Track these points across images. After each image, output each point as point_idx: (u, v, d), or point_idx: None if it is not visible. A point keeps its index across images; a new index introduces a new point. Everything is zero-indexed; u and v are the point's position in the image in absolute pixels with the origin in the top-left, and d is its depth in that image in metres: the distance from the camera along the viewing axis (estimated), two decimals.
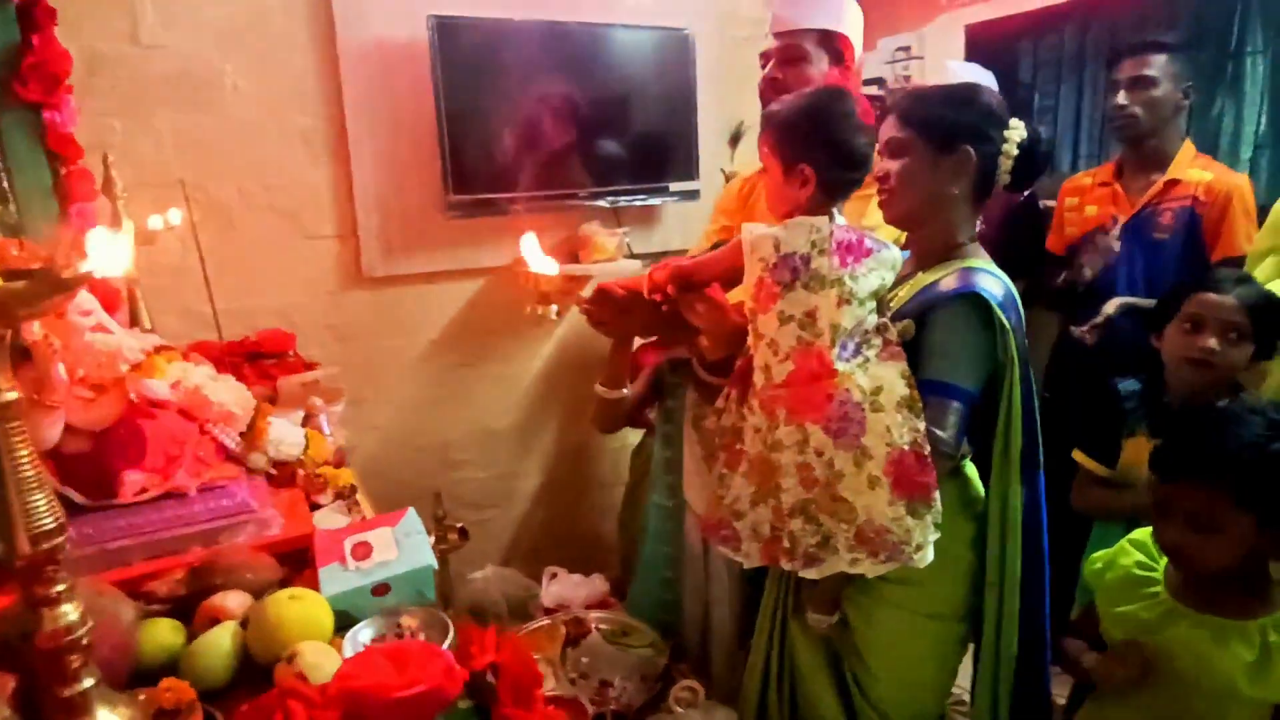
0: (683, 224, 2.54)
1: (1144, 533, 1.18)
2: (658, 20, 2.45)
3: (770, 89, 1.67)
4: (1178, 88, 1.96)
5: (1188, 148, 1.99)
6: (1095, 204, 2.08)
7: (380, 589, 1.05)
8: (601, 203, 2.38)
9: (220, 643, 0.94)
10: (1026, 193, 2.31)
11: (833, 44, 1.65)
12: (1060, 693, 1.44)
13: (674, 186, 2.48)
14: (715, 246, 1.52)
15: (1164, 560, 1.13)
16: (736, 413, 1.25)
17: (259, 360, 1.91)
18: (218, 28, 2.01)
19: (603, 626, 1.67)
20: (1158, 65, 1.94)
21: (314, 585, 1.04)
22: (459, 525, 1.39)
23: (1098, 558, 1.23)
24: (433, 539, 1.28)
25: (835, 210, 1.21)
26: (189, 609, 1.01)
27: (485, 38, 2.17)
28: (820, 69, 1.65)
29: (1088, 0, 2.33)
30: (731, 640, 1.63)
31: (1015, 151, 1.19)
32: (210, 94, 2.03)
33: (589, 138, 2.35)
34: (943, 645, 1.30)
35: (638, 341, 1.74)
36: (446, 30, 2.11)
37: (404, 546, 1.12)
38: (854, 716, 1.32)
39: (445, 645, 0.94)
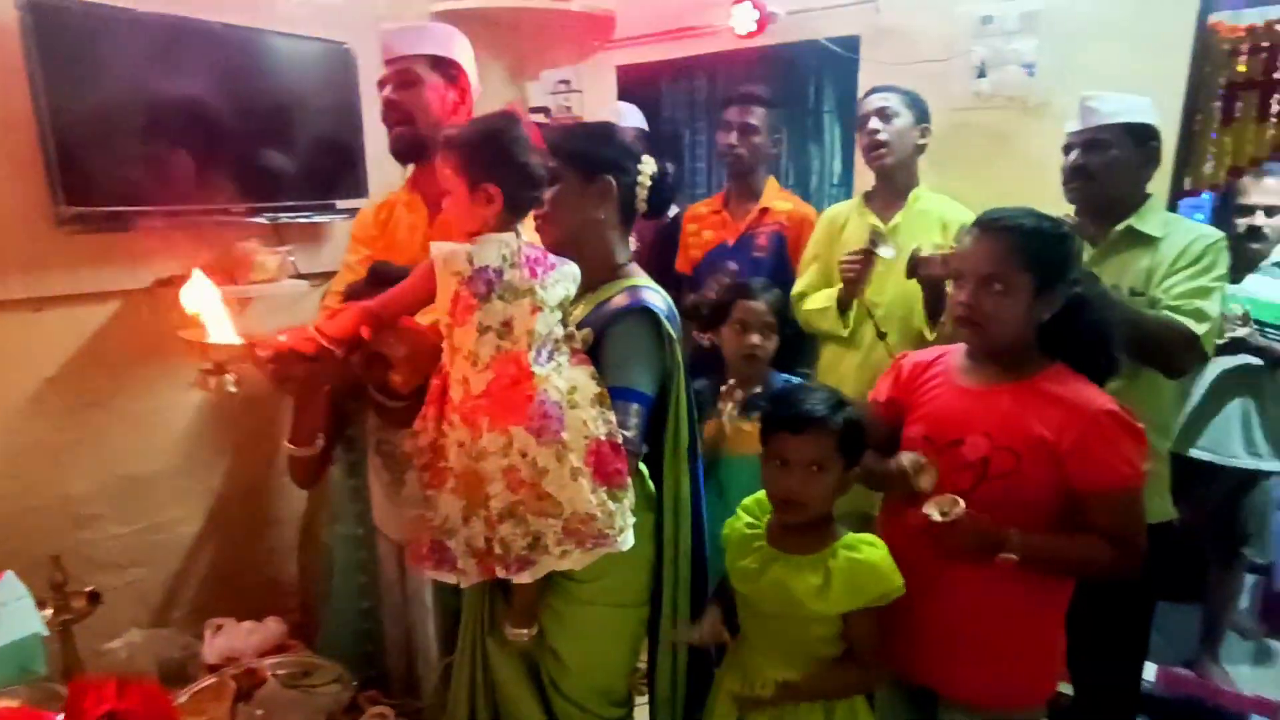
0: None
1: (752, 499, 1.44)
2: (315, 31, 2.34)
3: (390, 110, 1.75)
4: (771, 135, 2.41)
5: (773, 182, 2.46)
6: (711, 229, 2.47)
7: None
8: (260, 219, 2.20)
9: None
10: (671, 216, 2.66)
11: (446, 69, 1.77)
12: None
13: (341, 204, 2.39)
14: (372, 274, 1.53)
15: (765, 518, 1.40)
16: (436, 431, 1.26)
17: None
18: None
19: (280, 672, 1.58)
20: (758, 115, 2.36)
21: None
22: (87, 589, 1.23)
23: (729, 524, 1.45)
24: (49, 611, 1.12)
25: (519, 227, 1.28)
26: None
27: (101, 27, 1.88)
28: (437, 92, 1.76)
29: (712, 55, 2.76)
30: (439, 658, 1.64)
31: (648, 183, 1.38)
32: None
33: (243, 149, 2.16)
34: (630, 630, 1.44)
35: None
36: (45, 13, 1.79)
37: None
38: (553, 716, 1.40)
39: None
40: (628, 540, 1.22)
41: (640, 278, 1.39)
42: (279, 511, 2.45)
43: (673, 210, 2.66)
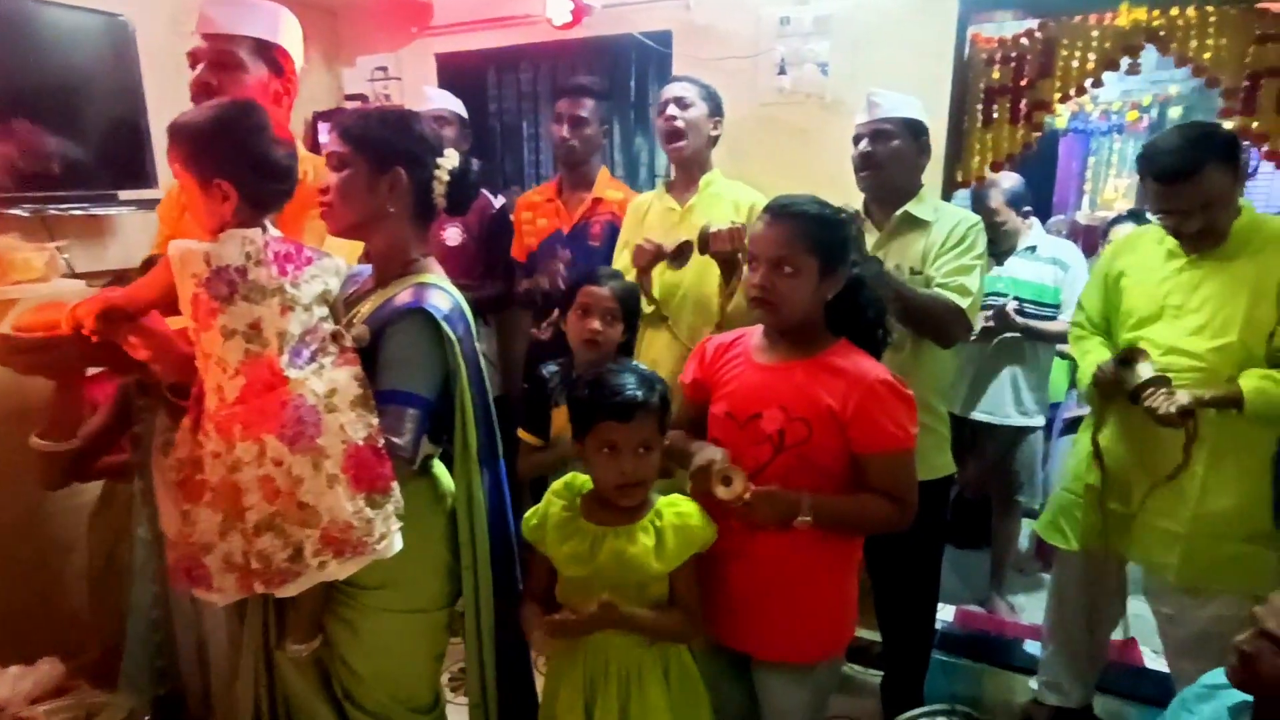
0: (147, 237, 2.23)
1: (560, 483, 1.45)
2: (85, 1, 2.10)
3: (203, 94, 1.57)
4: (600, 126, 2.45)
5: (604, 172, 2.51)
6: (545, 217, 2.48)
7: None
8: (18, 211, 1.95)
9: None
10: (499, 206, 2.64)
11: (270, 54, 1.62)
12: None
13: (126, 195, 2.17)
14: (146, 265, 1.40)
15: (577, 499, 1.42)
16: (192, 441, 1.18)
17: None
18: None
19: (57, 718, 1.43)
20: (588, 107, 2.39)
21: None
22: None
23: (531, 515, 1.45)
24: None
25: (267, 222, 1.22)
26: None
27: None
28: (258, 78, 1.60)
29: (536, 46, 2.75)
30: (231, 672, 1.55)
31: (447, 178, 1.32)
32: None
33: None
34: (429, 636, 1.41)
35: None
36: None
37: None
38: None
39: None
40: (391, 547, 1.18)
41: (431, 275, 1.33)
42: (62, 537, 2.18)
43: (499, 200, 2.66)
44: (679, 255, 1.92)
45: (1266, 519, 1.72)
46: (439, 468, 1.42)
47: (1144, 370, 1.69)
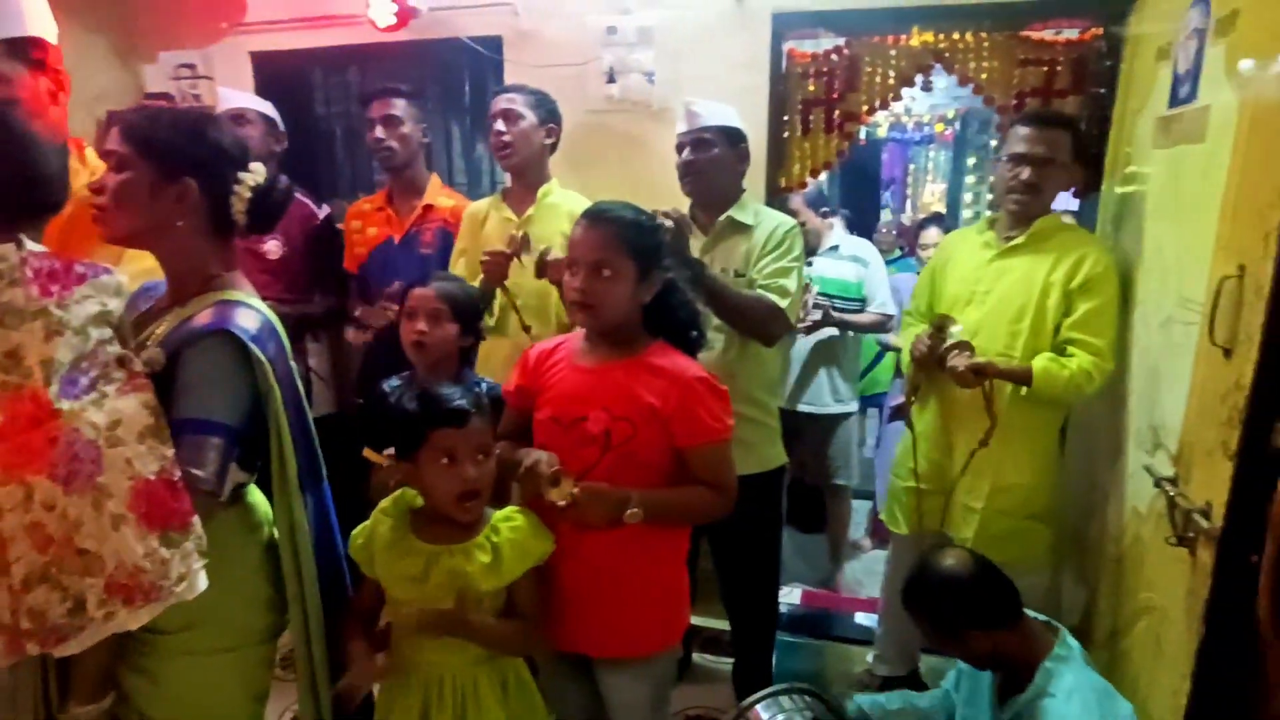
0: None
1: (388, 501, 1.41)
2: None
3: None
4: (417, 125, 2.37)
5: (435, 179, 2.44)
6: (375, 226, 2.39)
7: None
8: None
9: None
10: (324, 216, 2.51)
11: (26, 50, 1.46)
12: None
13: None
14: None
15: (407, 515, 1.38)
16: None
17: None
18: None
19: None
20: (400, 107, 2.31)
21: None
22: None
23: (358, 534, 1.40)
24: None
25: (23, 236, 1.08)
26: None
27: None
28: (24, 85, 1.43)
29: (364, 49, 2.63)
30: None
31: (249, 194, 1.22)
32: None
33: None
34: (244, 675, 1.31)
35: None
36: None
37: None
38: None
39: None
40: (194, 587, 1.09)
41: (238, 291, 1.24)
42: None
43: (324, 210, 2.53)
44: (523, 248, 1.93)
45: (1048, 497, 1.96)
46: (255, 494, 1.33)
47: (954, 333, 1.89)
